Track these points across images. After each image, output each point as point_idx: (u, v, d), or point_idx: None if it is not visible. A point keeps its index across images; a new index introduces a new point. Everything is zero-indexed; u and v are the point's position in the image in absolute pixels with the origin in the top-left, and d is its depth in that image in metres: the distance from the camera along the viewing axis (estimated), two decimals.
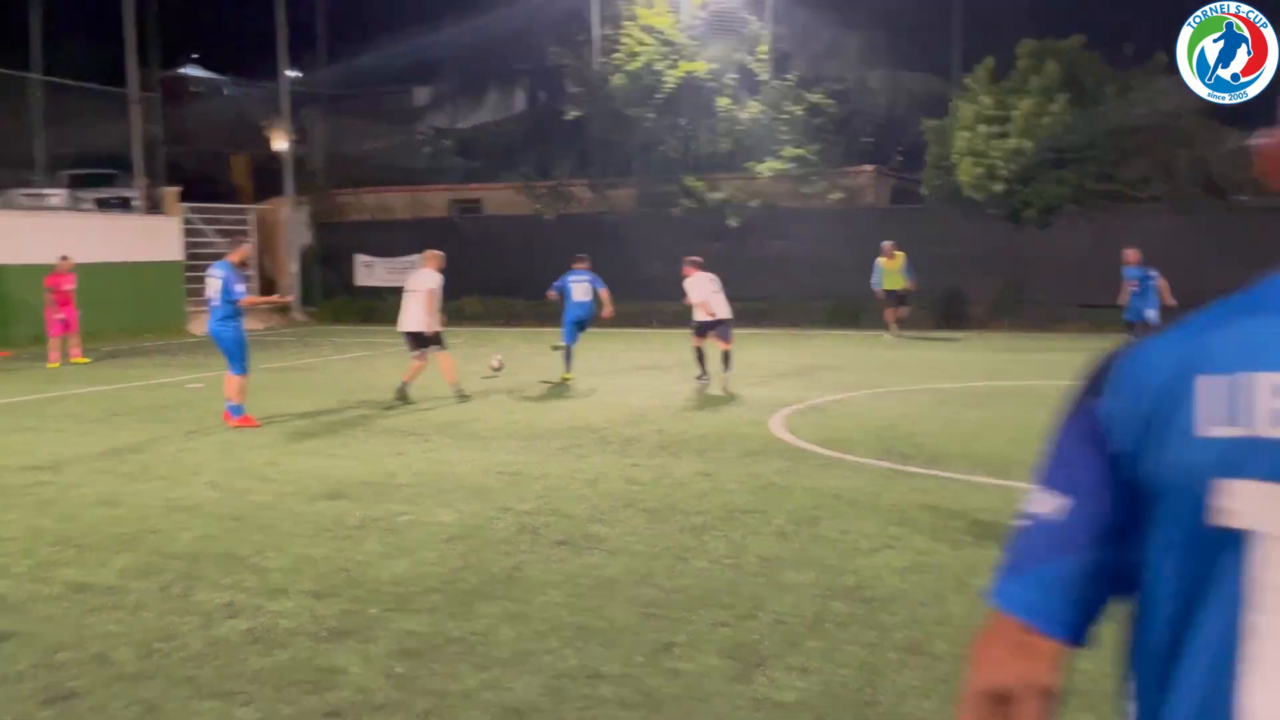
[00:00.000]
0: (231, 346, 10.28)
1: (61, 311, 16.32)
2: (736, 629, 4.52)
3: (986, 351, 16.73)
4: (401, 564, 5.51)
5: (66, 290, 16.35)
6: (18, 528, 6.33)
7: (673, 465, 7.98)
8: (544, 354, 17.56)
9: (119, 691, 3.91)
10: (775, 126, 23.32)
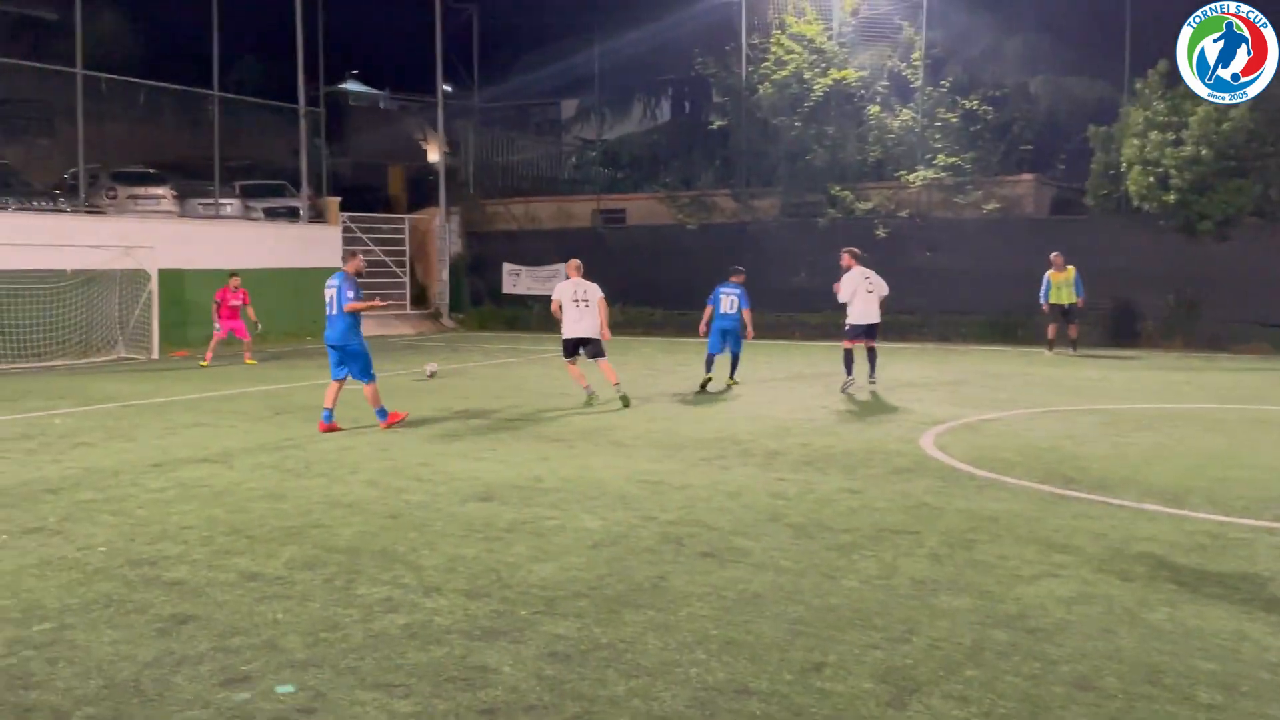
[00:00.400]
0: (359, 356, 10.39)
1: (221, 321, 17.38)
2: (889, 652, 4.38)
3: (1157, 371, 15.81)
4: (549, 567, 5.58)
5: (232, 305, 17.35)
6: (195, 517, 6.73)
7: (819, 481, 7.84)
8: (685, 365, 17.59)
9: (288, 677, 4.09)
10: (928, 134, 22.72)
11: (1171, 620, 4.74)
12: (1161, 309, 19.62)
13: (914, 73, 23.17)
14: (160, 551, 5.90)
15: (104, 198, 22.13)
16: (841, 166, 23.66)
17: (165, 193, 22.86)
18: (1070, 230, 21.08)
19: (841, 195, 23.26)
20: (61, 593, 5.15)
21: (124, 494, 7.41)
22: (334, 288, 10.43)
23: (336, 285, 10.40)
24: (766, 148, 24.66)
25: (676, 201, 26.08)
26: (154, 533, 6.32)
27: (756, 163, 25.12)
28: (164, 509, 6.94)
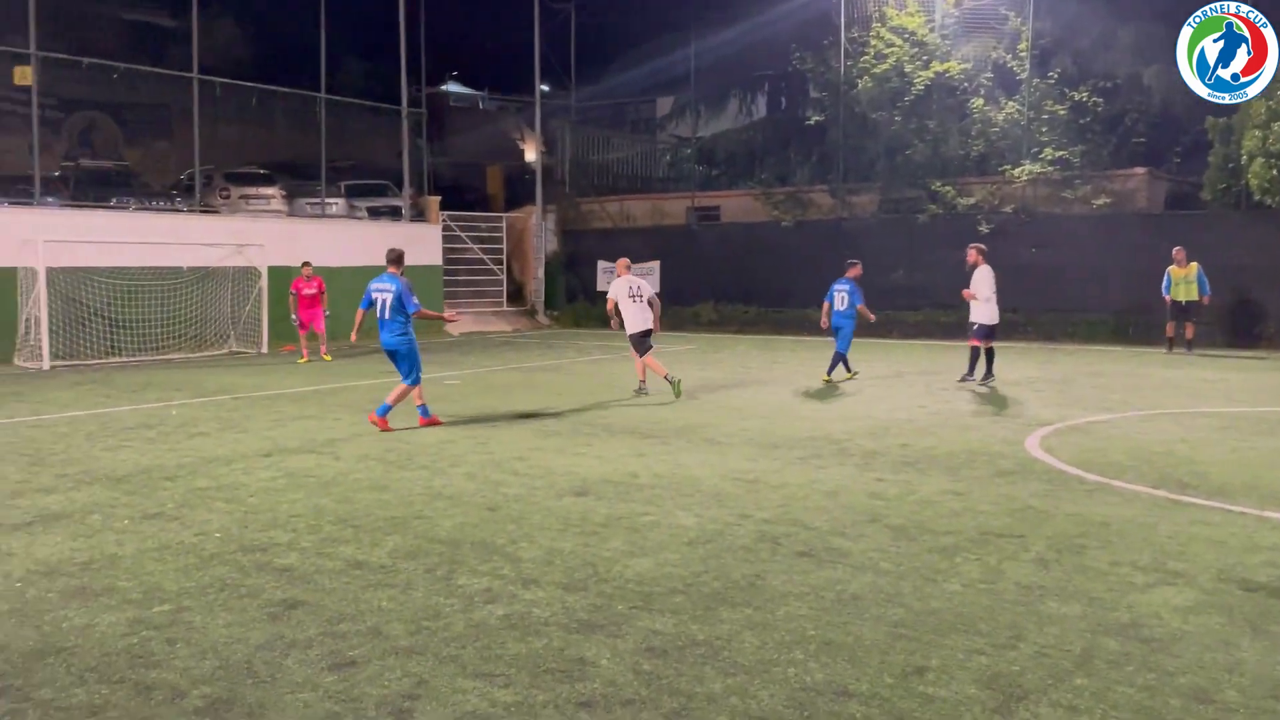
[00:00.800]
0: (411, 357, 10.16)
1: (300, 314, 17.71)
2: (994, 658, 4.26)
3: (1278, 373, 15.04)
4: (645, 563, 5.60)
5: (307, 294, 17.68)
6: (303, 506, 6.95)
7: (919, 482, 7.68)
8: (779, 363, 17.45)
9: (392, 664, 4.19)
10: (1035, 127, 22.02)
11: None
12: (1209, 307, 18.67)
13: (1020, 64, 22.50)
14: (271, 539, 6.11)
15: (217, 198, 23.05)
16: (943, 161, 23.11)
17: (275, 193, 23.70)
18: (1186, 225, 20.20)
19: (943, 191, 22.73)
20: (179, 576, 5.37)
21: (236, 482, 7.71)
22: (389, 291, 10.06)
23: (394, 290, 10.02)
24: (865, 143, 24.27)
25: (772, 198, 25.86)
26: (265, 520, 6.55)
27: (854, 158, 24.74)
28: (274, 497, 7.19)
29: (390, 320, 10.06)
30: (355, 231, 23.95)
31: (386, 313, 10.04)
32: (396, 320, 10.07)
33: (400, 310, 10.07)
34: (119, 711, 3.74)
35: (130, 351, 18.01)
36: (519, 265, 29.08)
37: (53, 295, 16.97)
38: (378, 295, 10.13)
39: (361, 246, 23.36)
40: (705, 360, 17.76)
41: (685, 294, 26.19)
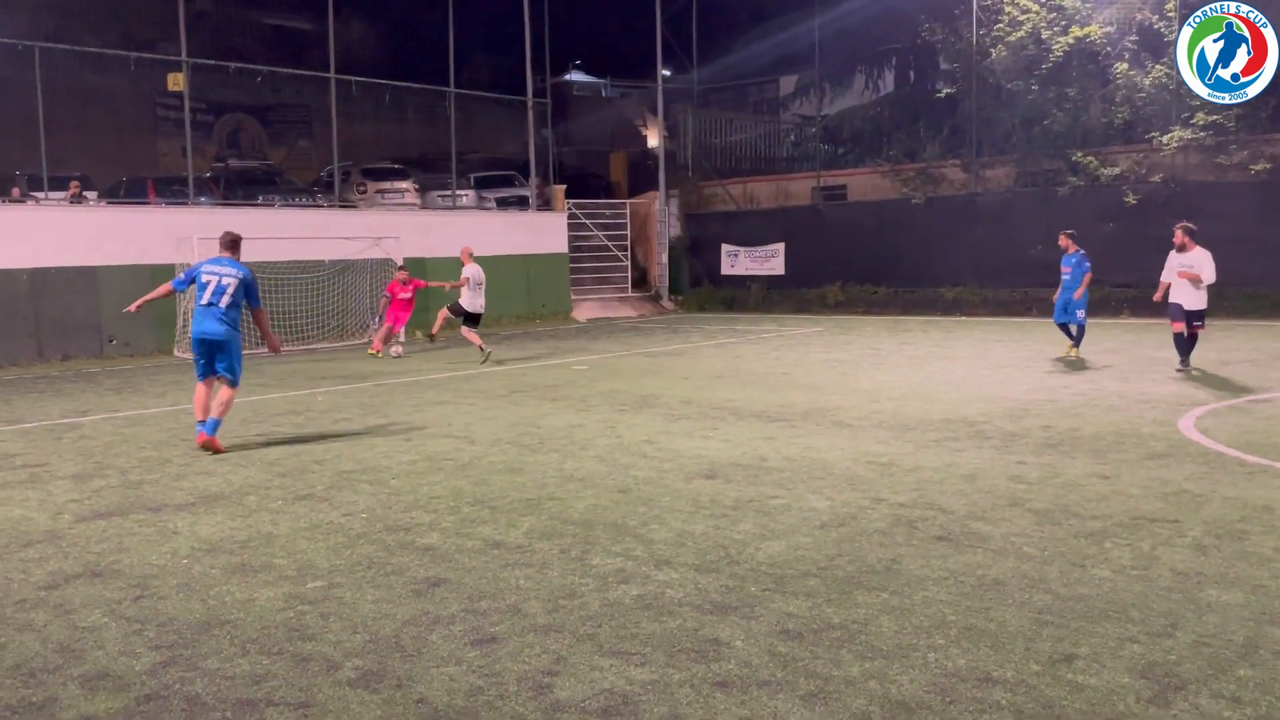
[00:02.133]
0: (238, 353, 9.10)
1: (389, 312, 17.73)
2: (1148, 646, 4.07)
3: None
4: (777, 546, 5.56)
5: (403, 298, 17.60)
6: (443, 488, 7.18)
7: (1064, 464, 7.38)
8: (909, 344, 17.04)
9: (532, 641, 4.29)
10: (1184, 91, 20.78)
11: None
12: None
13: (1167, 25, 21.23)
14: (413, 519, 6.33)
15: (355, 193, 23.97)
16: (1084, 130, 22.08)
17: (408, 186, 24.48)
18: None
19: (1084, 161, 21.71)
20: (329, 554, 5.63)
21: (379, 465, 8.02)
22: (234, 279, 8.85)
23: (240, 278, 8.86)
24: (999, 114, 23.40)
25: (901, 175, 25.23)
26: (407, 502, 6.79)
27: (988, 130, 23.88)
28: (415, 480, 7.45)
29: (226, 309, 8.79)
30: (485, 221, 24.54)
31: (224, 299, 8.76)
32: (233, 311, 8.85)
33: (238, 302, 8.88)
34: (280, 681, 3.96)
35: None
36: (643, 251, 29.24)
37: None
38: (210, 278, 8.79)
39: (491, 236, 23.93)
40: (833, 342, 17.49)
41: (812, 275, 25.86)
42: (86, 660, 4.21)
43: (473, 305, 15.36)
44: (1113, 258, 21.05)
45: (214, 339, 8.86)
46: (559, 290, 25.69)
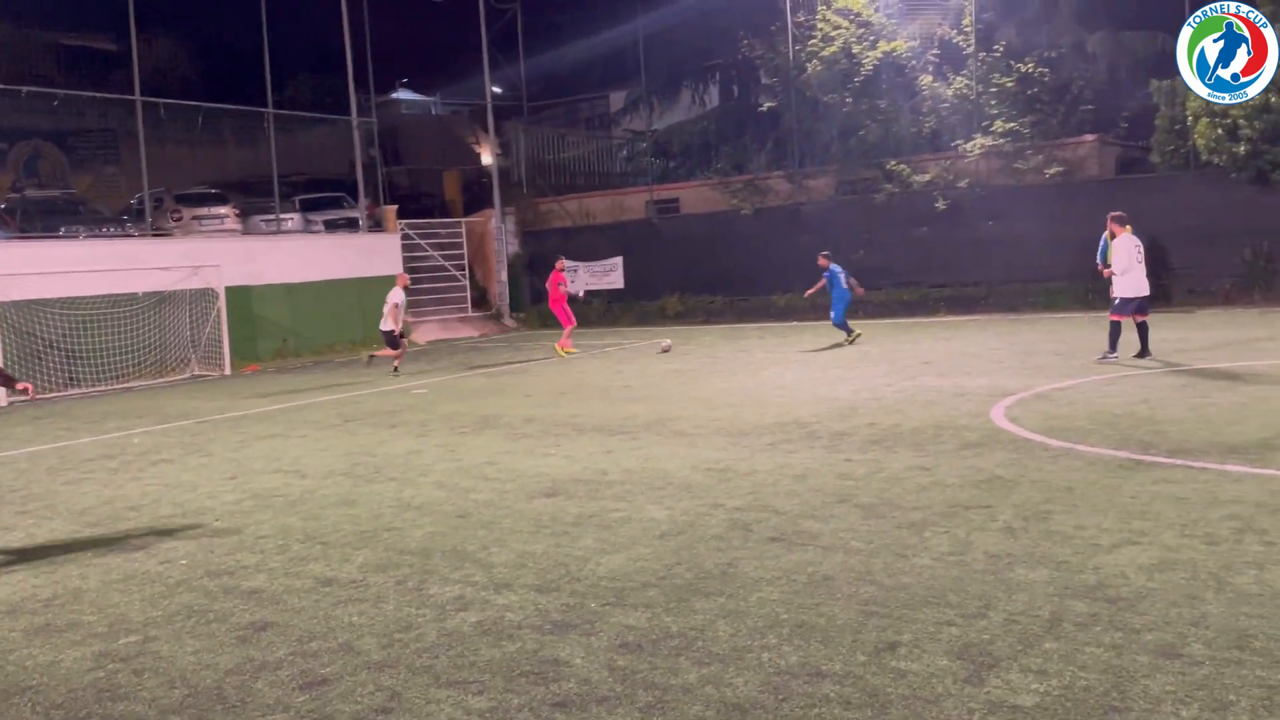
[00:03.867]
0: None
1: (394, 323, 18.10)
2: (965, 628, 4.30)
3: (1235, 329, 15.29)
4: (617, 559, 5.59)
5: None
6: (270, 526, 6.88)
7: (887, 459, 7.73)
8: (745, 351, 17.50)
9: (365, 679, 4.15)
10: (983, 101, 22.22)
11: (1259, 583, 4.57)
12: (1238, 265, 18.96)
13: (965, 39, 22.68)
14: (238, 561, 6.04)
15: (169, 220, 22.73)
16: (896, 140, 23.27)
17: (228, 211, 23.40)
18: (1136, 189, 20.46)
19: (897, 169, 22.89)
20: (145, 606, 5.30)
21: (202, 507, 7.61)
22: None
23: None
24: (818, 126, 24.39)
25: (730, 187, 25.93)
26: (231, 544, 6.47)
27: (809, 142, 24.86)
28: (240, 520, 7.11)
29: None
30: (313, 245, 23.73)
31: None
32: None
33: None
34: None
35: (90, 382, 17.75)
36: (481, 270, 28.94)
37: (5, 330, 16.70)
38: None
39: (321, 260, 23.21)
40: (673, 352, 17.77)
41: (650, 287, 26.23)
42: None
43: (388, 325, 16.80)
44: (928, 260, 22.29)
45: None
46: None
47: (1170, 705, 3.49)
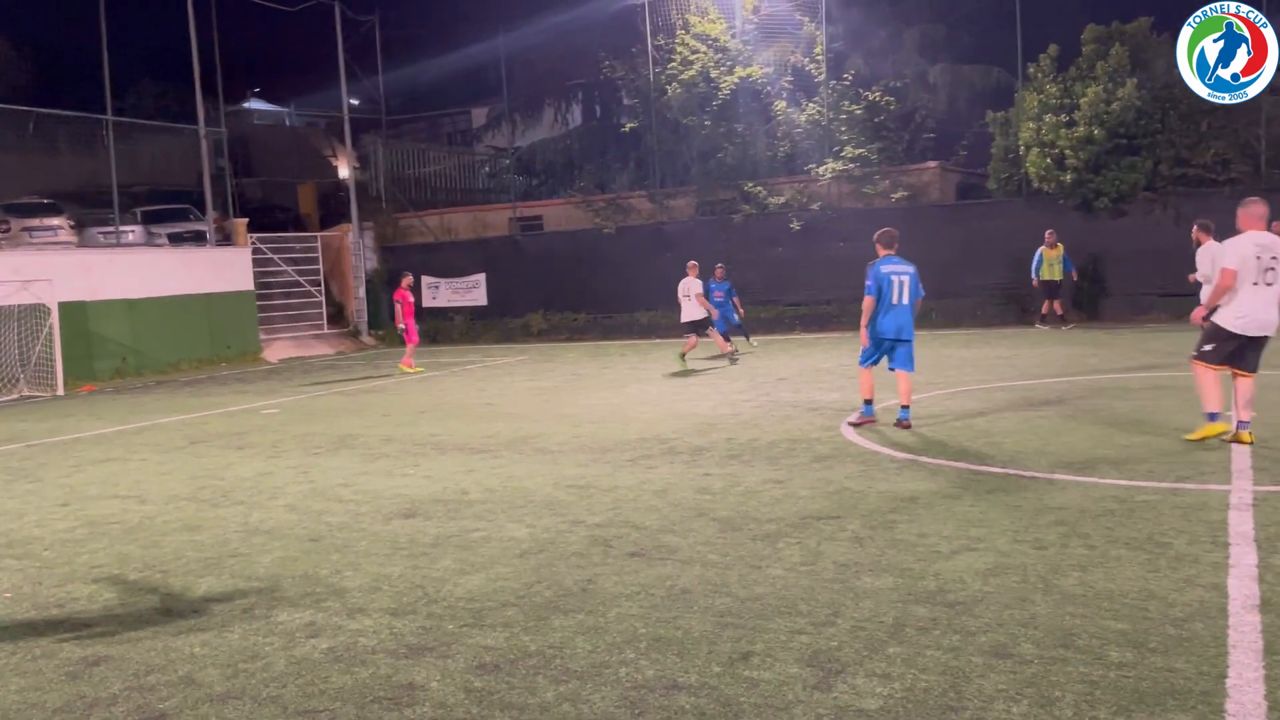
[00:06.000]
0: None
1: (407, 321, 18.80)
2: (815, 636, 4.44)
3: (1064, 346, 16.32)
4: (477, 579, 5.53)
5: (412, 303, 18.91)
6: (106, 555, 6.50)
7: (744, 473, 7.91)
8: (608, 368, 17.61)
9: (206, 712, 3.97)
10: (834, 127, 23.11)
11: (1083, 584, 4.89)
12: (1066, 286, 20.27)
13: (817, 67, 23.56)
14: (69, 593, 5.69)
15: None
16: (753, 163, 23.95)
17: (62, 223, 22.07)
18: (975, 214, 21.70)
19: (754, 191, 23.53)
20: None
21: (29, 536, 7.13)
22: (908, 275, 9.37)
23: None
24: (678, 147, 24.85)
25: (593, 206, 26.11)
26: (62, 574, 6.09)
27: (670, 163, 25.30)
28: (73, 549, 6.70)
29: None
30: (156, 260, 22.60)
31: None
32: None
33: None
34: None
35: None
36: (338, 285, 28.17)
37: None
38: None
39: (165, 274, 22.16)
40: (537, 370, 17.73)
41: (514, 304, 26.12)
42: None
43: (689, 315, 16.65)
44: (783, 278, 22.98)
45: None
46: (245, 330, 24.11)
47: (1002, 703, 3.69)
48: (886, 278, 9.44)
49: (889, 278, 9.45)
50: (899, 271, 9.49)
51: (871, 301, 9.47)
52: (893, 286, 9.43)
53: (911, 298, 9.53)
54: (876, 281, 9.44)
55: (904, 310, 9.51)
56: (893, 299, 9.44)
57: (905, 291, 9.47)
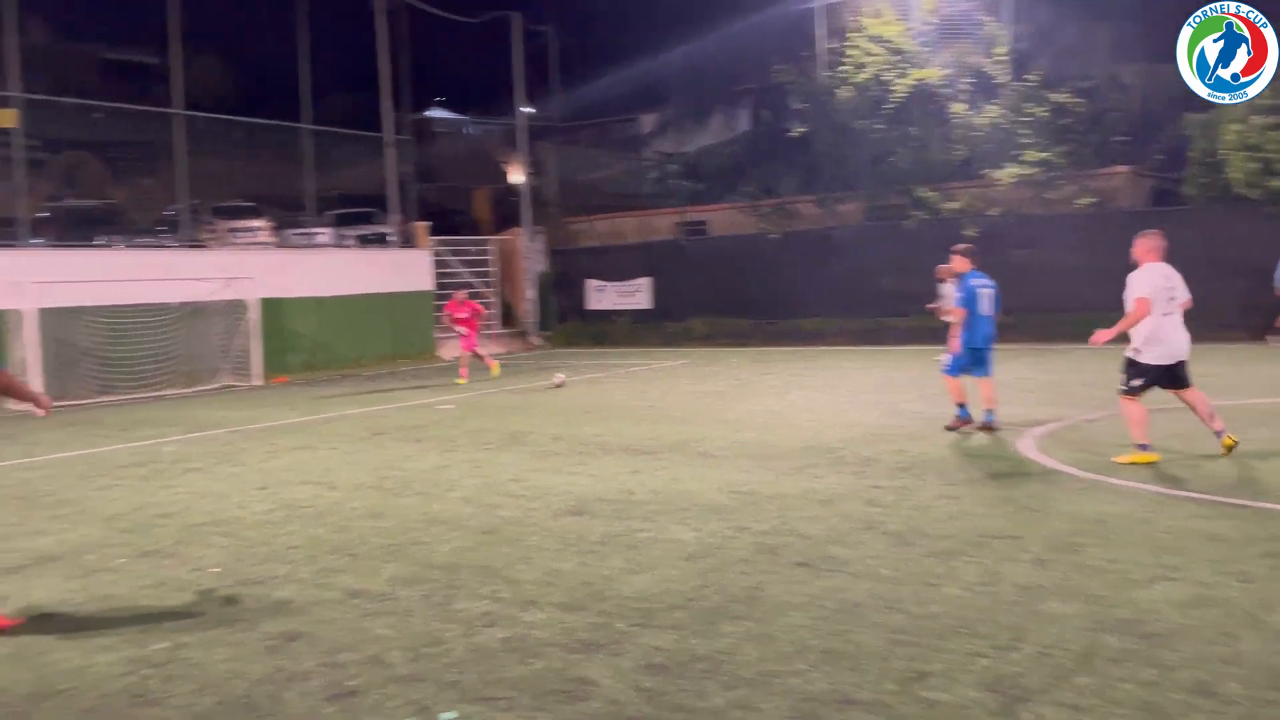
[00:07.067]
0: None
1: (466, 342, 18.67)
2: (996, 660, 4.26)
3: (1272, 364, 15.11)
4: (644, 580, 5.59)
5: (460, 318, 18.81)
6: (300, 537, 6.93)
7: (915, 487, 7.69)
8: (770, 374, 17.47)
9: (394, 692, 4.17)
10: (1016, 130, 22.17)
11: None
12: (1271, 300, 18.74)
13: (999, 68, 22.67)
14: (268, 571, 6.09)
15: (204, 232, 23.06)
16: (927, 167, 23.27)
17: (262, 224, 23.71)
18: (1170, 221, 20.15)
19: (927, 196, 22.86)
20: (177, 613, 5.35)
21: (232, 516, 7.68)
22: (991, 289, 9.99)
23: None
24: (848, 152, 24.43)
25: (759, 210, 25.99)
26: (261, 554, 6.53)
27: (838, 168, 24.89)
28: (271, 530, 7.17)
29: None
30: (344, 260, 23.98)
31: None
32: None
33: None
34: None
35: (122, 389, 17.96)
36: (509, 287, 29.12)
37: (42, 336, 16.93)
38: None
39: (351, 274, 23.44)
40: (699, 374, 17.78)
41: (677, 308, 26.30)
42: None
43: None
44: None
45: None
46: (423, 329, 25.26)
47: None
48: (975, 291, 10.12)
49: (977, 291, 10.13)
50: (985, 285, 10.23)
51: (964, 313, 10.09)
52: (980, 299, 10.12)
53: (993, 310, 10.27)
54: (968, 294, 10.09)
55: (990, 321, 10.23)
56: (980, 310, 10.10)
57: (990, 304, 10.20)
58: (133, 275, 18.92)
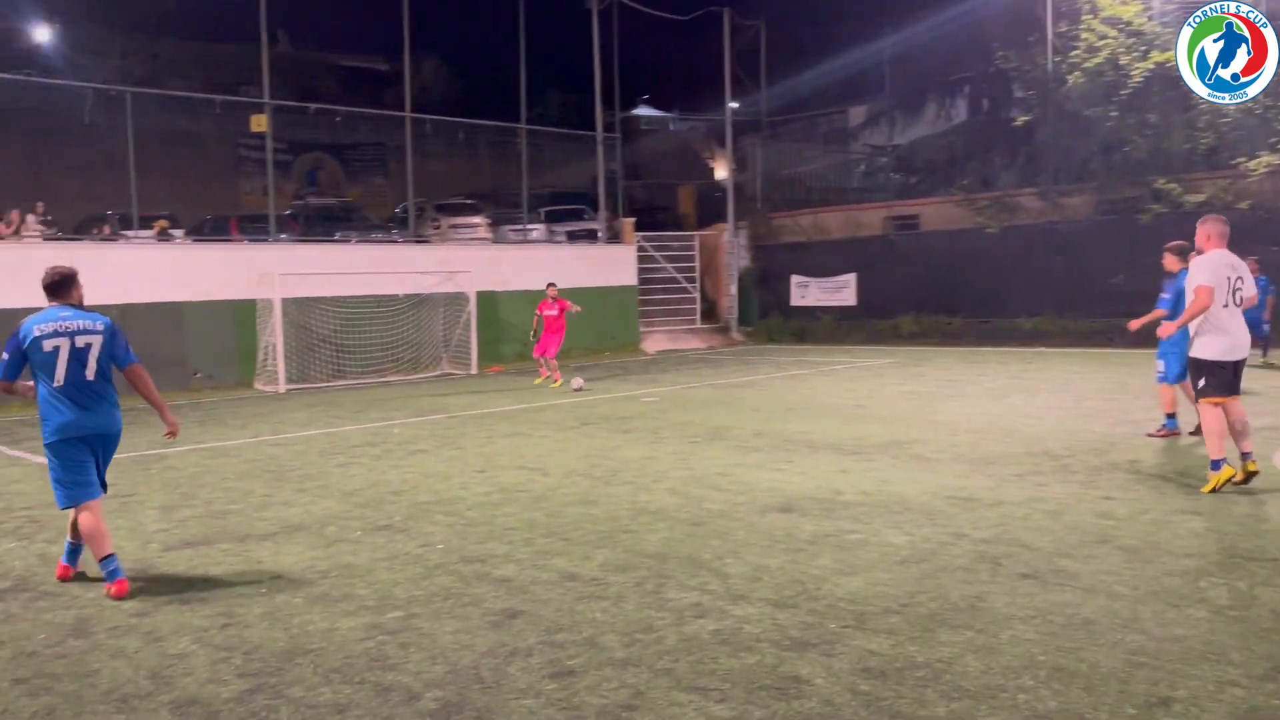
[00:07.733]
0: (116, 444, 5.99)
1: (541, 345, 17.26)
2: (1250, 691, 3.89)
3: None
4: (856, 581, 5.46)
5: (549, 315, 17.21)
6: (517, 520, 7.22)
7: (1153, 500, 7.14)
8: (985, 376, 16.71)
9: (610, 675, 4.27)
10: (1273, 115, 20.16)
11: None
12: None
13: None
14: (489, 550, 6.37)
15: (429, 228, 24.44)
16: (1166, 157, 21.54)
17: (480, 221, 24.89)
18: None
19: (1167, 188, 21.17)
20: (408, 585, 5.69)
21: (455, 496, 8.10)
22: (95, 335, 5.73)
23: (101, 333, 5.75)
24: (1077, 141, 22.97)
25: (975, 204, 24.88)
26: (482, 533, 6.84)
27: (1065, 158, 23.45)
28: (490, 511, 7.51)
29: (97, 384, 5.74)
30: (555, 255, 24.81)
31: (89, 372, 5.70)
32: (107, 385, 5.81)
33: (107, 368, 5.80)
34: (362, 710, 3.99)
35: (354, 374, 19.33)
36: (712, 282, 29.25)
37: (286, 324, 18.46)
38: (61, 342, 5.62)
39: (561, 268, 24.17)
40: (907, 374, 17.24)
41: (884, 306, 25.61)
42: (176, 687, 4.30)
43: None
44: None
45: (105, 434, 5.82)
46: (628, 322, 25.81)
47: None
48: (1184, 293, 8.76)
49: None
50: None
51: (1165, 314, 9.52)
52: None
53: None
54: (1175, 296, 9.32)
55: None
56: None
57: None
58: (364, 268, 20.32)
